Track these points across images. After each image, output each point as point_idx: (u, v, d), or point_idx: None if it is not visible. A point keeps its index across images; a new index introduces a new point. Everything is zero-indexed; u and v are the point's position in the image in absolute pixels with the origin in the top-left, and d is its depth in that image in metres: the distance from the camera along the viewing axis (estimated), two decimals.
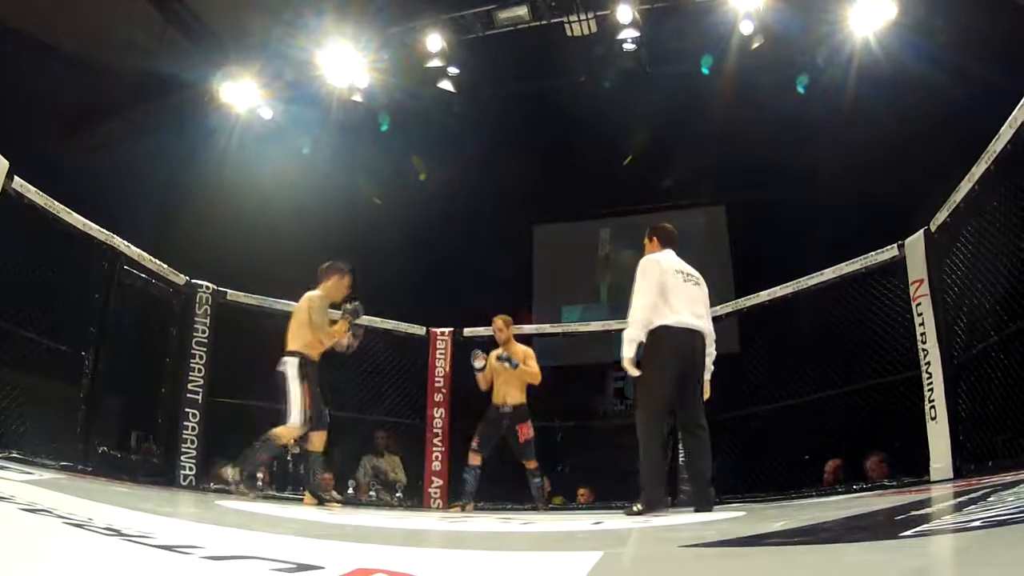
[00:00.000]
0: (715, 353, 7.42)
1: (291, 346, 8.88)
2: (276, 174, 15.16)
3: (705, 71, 13.80)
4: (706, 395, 7.35)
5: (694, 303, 7.22)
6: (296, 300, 10.53)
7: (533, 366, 10.36)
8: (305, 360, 8.81)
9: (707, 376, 7.36)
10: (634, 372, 7.11)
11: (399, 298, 14.35)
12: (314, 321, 8.89)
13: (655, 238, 7.66)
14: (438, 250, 17.01)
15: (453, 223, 17.24)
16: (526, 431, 10.22)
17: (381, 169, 16.88)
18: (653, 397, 7.03)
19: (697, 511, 6.86)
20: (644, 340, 7.04)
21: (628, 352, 7.04)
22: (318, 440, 9.11)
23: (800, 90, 13.84)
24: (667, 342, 7.01)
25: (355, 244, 15.64)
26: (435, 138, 16.41)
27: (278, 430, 8.68)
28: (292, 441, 10.50)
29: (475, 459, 10.30)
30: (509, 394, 10.33)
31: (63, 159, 11.97)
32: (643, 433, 6.90)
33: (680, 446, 9.88)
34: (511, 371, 10.23)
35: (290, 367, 8.75)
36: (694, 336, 7.12)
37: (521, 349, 10.53)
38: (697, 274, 7.44)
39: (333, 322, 9.21)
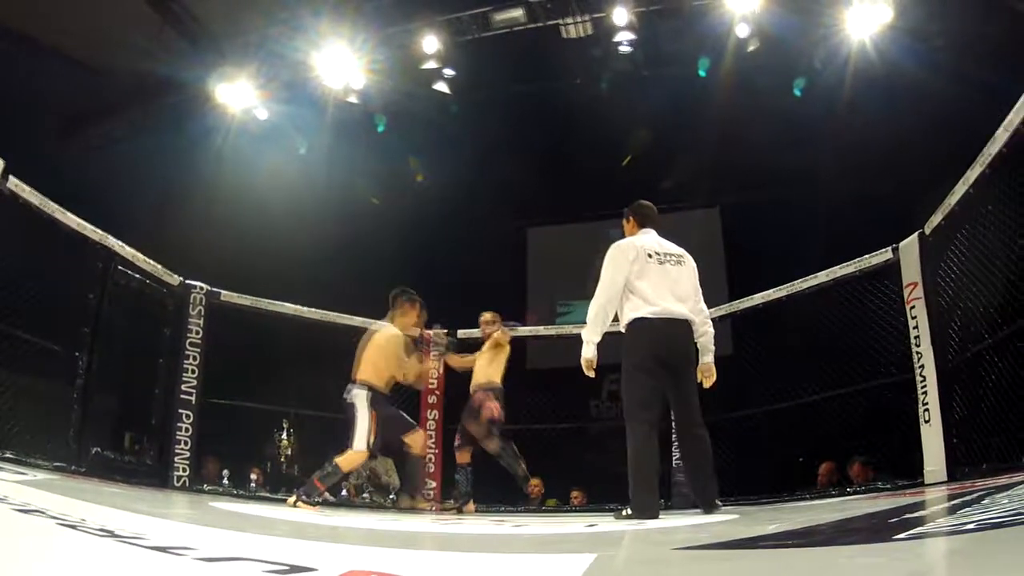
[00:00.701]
0: (712, 332, 6.94)
1: (361, 376, 8.88)
2: (272, 175, 15.18)
3: (702, 73, 13.83)
4: (712, 379, 6.96)
5: (676, 286, 6.71)
6: (290, 300, 10.58)
7: (460, 361, 10.57)
8: (374, 392, 8.81)
9: (710, 359, 6.93)
10: (590, 374, 6.91)
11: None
12: (400, 359, 9.03)
13: (632, 218, 7.35)
14: (432, 251, 17.01)
15: (448, 225, 17.25)
16: (489, 407, 9.86)
17: (377, 170, 16.90)
18: (637, 396, 6.48)
19: (704, 514, 6.53)
20: (624, 333, 6.70)
21: (586, 352, 6.84)
22: (417, 442, 9.23)
23: (797, 93, 13.87)
24: (646, 335, 6.53)
25: (350, 245, 15.72)
26: (431, 140, 16.45)
27: (341, 459, 8.70)
28: (288, 448, 10.57)
29: (463, 456, 10.23)
30: (475, 376, 10.25)
31: (59, 158, 11.99)
32: (629, 435, 6.40)
33: (675, 447, 9.90)
34: (482, 359, 10.19)
35: (358, 399, 8.74)
36: (677, 325, 6.62)
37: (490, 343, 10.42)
38: (680, 252, 6.98)
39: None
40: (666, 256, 6.81)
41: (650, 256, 6.74)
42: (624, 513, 6.33)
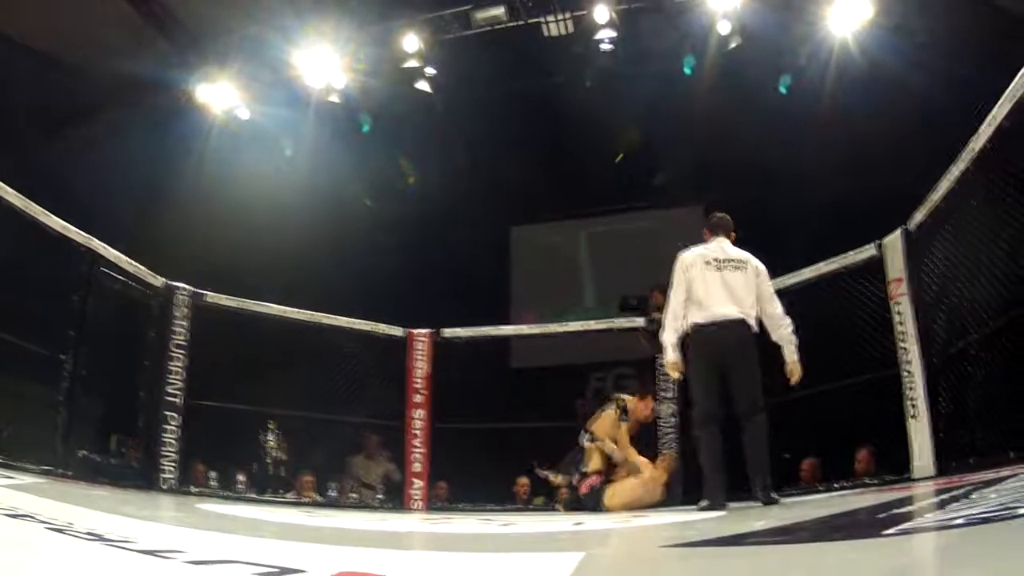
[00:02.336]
0: (788, 331, 7.47)
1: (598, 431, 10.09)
2: (255, 175, 15.13)
3: (687, 71, 13.79)
4: (795, 376, 7.50)
5: (731, 291, 7.31)
6: (275, 301, 10.63)
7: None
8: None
9: (792, 357, 7.46)
10: (675, 375, 7.66)
11: (377, 299, 14.32)
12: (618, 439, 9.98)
13: (705, 228, 7.98)
14: (414, 250, 17.01)
15: (431, 224, 17.24)
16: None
17: (360, 170, 16.85)
18: (697, 395, 7.31)
19: (766, 504, 6.97)
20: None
21: (668, 356, 7.50)
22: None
23: (782, 90, 13.87)
24: (699, 340, 7.26)
25: (333, 245, 15.66)
26: (413, 138, 16.43)
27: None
28: (278, 446, 10.64)
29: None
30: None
31: (39, 160, 11.93)
32: (697, 431, 7.34)
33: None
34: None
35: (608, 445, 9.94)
36: (727, 327, 7.21)
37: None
38: (742, 257, 7.56)
39: None
40: (726, 262, 7.44)
41: (708, 263, 7.45)
42: (702, 504, 7.08)
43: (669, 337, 7.38)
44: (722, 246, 7.62)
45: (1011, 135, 6.17)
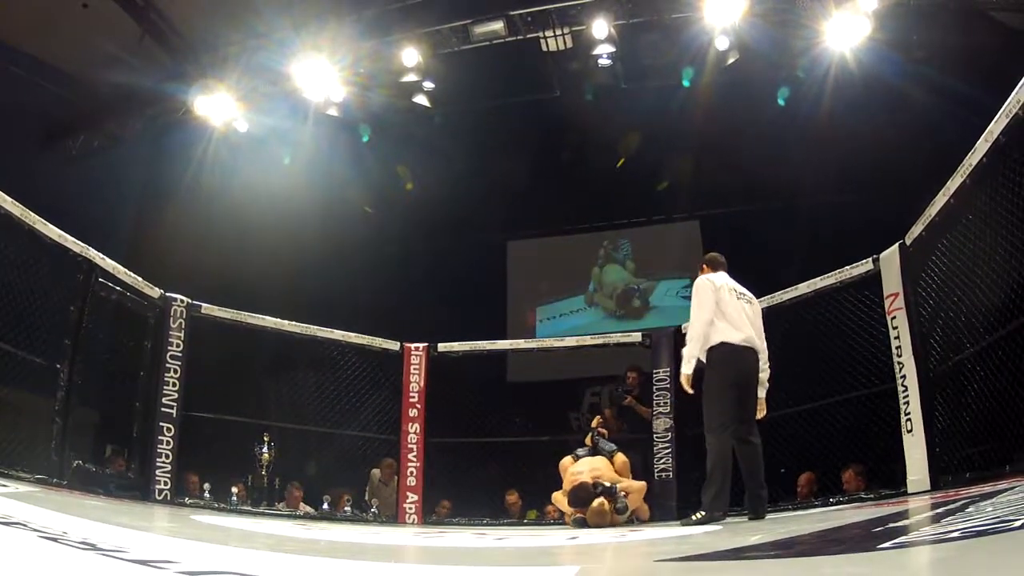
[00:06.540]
0: (769, 371, 7.63)
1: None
2: (253, 187, 15.12)
3: (686, 83, 13.79)
4: (762, 413, 7.62)
5: (751, 321, 7.52)
6: (271, 313, 10.61)
7: None
8: None
9: (763, 394, 7.61)
10: (689, 390, 7.56)
11: (375, 311, 14.32)
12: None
13: (704, 266, 8.09)
14: (412, 263, 17.02)
15: (429, 236, 17.28)
16: None
17: (358, 181, 16.84)
18: (721, 411, 7.24)
19: (752, 518, 7.22)
20: (703, 357, 7.40)
21: (686, 369, 7.49)
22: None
23: (781, 102, 13.87)
24: (730, 358, 7.31)
25: (331, 257, 15.64)
26: (411, 152, 16.45)
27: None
28: (269, 456, 10.58)
29: None
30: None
31: (37, 169, 11.92)
32: (713, 447, 7.22)
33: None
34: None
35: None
36: (752, 354, 7.43)
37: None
38: (749, 294, 7.78)
39: None
40: (742, 295, 7.68)
41: (731, 290, 7.61)
42: (695, 517, 7.14)
43: (692, 351, 7.41)
44: (732, 280, 7.77)
45: (1007, 150, 6.18)
